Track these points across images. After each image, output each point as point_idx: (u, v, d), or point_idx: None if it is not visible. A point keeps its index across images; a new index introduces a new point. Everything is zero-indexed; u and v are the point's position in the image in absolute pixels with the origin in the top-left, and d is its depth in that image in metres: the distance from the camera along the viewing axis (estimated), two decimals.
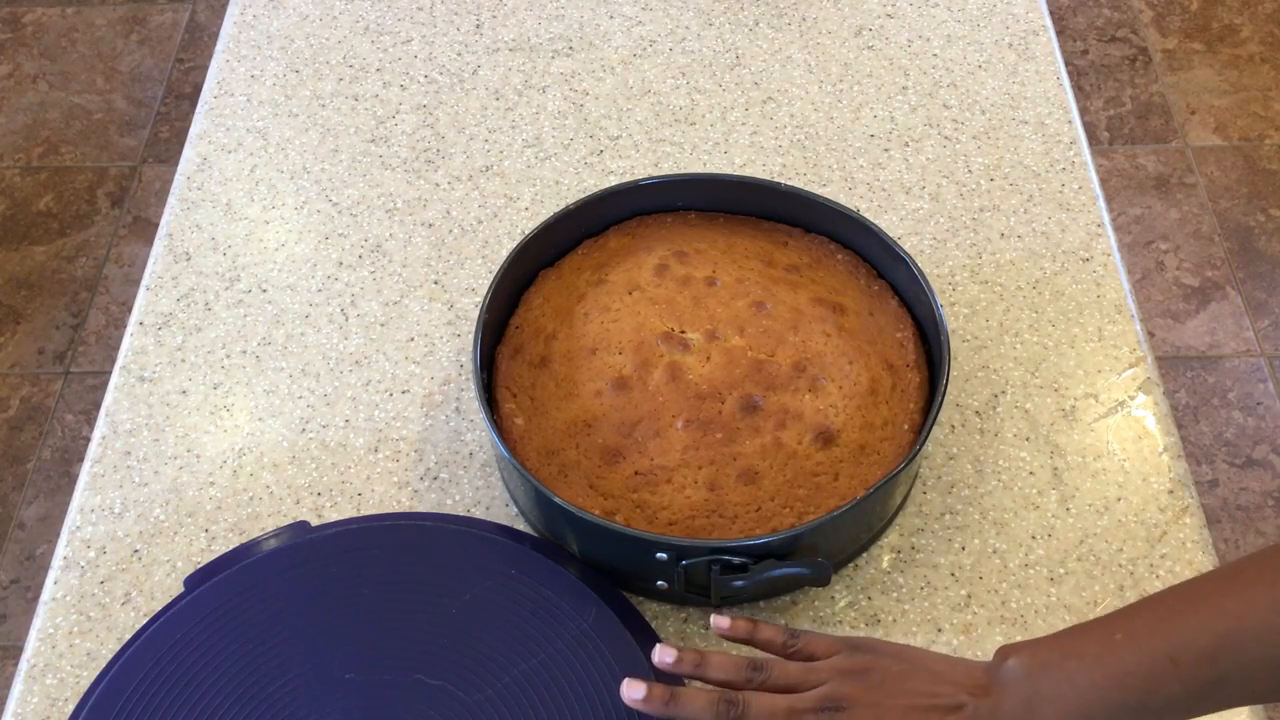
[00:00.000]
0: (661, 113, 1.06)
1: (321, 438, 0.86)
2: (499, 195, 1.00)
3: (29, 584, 1.75)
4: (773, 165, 1.01)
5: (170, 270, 0.96)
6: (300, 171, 1.03)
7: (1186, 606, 0.58)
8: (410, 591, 0.75)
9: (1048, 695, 0.59)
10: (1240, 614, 0.56)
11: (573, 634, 0.73)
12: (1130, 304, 0.91)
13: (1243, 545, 1.74)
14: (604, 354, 0.80)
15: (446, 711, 0.70)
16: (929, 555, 0.79)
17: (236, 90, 1.09)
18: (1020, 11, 1.13)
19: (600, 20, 1.14)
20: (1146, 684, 0.57)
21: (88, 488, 0.84)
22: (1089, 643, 0.59)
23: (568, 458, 0.77)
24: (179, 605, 0.76)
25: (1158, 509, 0.80)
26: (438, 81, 1.09)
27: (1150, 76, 2.35)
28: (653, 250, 0.86)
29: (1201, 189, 2.16)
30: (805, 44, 1.11)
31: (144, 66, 2.44)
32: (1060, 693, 0.58)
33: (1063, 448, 0.83)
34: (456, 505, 0.82)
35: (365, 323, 0.92)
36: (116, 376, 0.90)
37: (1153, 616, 0.59)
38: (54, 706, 0.74)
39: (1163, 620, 0.58)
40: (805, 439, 0.76)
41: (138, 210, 2.20)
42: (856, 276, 0.86)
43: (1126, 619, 0.60)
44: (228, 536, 0.81)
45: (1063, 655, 0.60)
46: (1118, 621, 0.60)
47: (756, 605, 0.76)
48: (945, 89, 1.07)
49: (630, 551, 0.73)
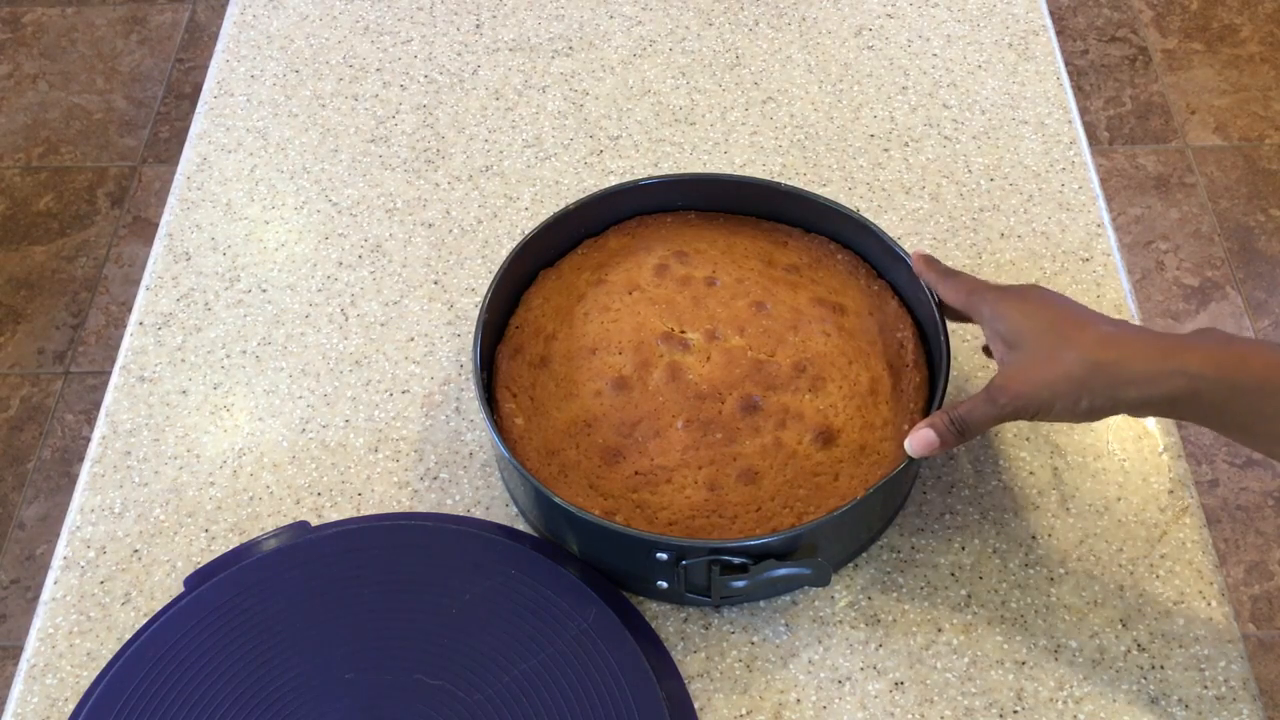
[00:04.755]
0: (661, 113, 1.06)
1: (321, 438, 0.86)
2: (499, 195, 1.00)
3: (29, 584, 1.75)
4: (773, 165, 1.01)
5: (170, 270, 0.96)
6: (300, 171, 1.03)
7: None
8: (410, 591, 0.75)
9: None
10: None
11: (573, 634, 0.73)
12: (1130, 304, 0.91)
13: (1243, 545, 1.74)
14: (604, 354, 0.80)
15: (446, 711, 0.70)
16: (929, 555, 0.79)
17: (236, 90, 1.09)
18: (1020, 11, 1.13)
19: (600, 20, 1.14)
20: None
21: (88, 488, 0.84)
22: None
23: (568, 458, 0.77)
24: (179, 605, 0.76)
25: (1158, 509, 0.80)
26: (438, 81, 1.09)
27: (1150, 76, 2.35)
28: (653, 250, 0.86)
29: (1201, 189, 2.16)
30: (805, 44, 1.11)
31: (144, 66, 2.44)
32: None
33: (1063, 448, 0.83)
34: (456, 505, 0.82)
35: (365, 323, 0.92)
36: (116, 376, 0.90)
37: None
38: (54, 706, 0.74)
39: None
40: (805, 439, 0.76)
41: (138, 210, 2.20)
42: (856, 276, 0.86)
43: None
44: (228, 536, 0.81)
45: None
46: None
47: (757, 605, 0.76)
48: (945, 89, 1.07)
49: (630, 551, 0.73)
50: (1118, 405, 0.66)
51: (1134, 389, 0.64)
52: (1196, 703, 0.72)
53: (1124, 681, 0.73)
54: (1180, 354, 0.63)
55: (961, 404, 0.71)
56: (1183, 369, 0.63)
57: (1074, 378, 0.65)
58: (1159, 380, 0.63)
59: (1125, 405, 0.65)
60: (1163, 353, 0.64)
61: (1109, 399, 0.65)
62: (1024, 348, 0.69)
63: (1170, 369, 0.63)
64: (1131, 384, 0.64)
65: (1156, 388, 0.64)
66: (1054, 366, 0.66)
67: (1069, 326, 0.67)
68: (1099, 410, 0.66)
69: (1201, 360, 0.63)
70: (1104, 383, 0.65)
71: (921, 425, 0.72)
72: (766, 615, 0.76)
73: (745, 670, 0.74)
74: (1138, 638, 0.75)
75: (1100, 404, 0.66)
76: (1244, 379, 0.62)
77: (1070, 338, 0.67)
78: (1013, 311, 0.70)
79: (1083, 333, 0.67)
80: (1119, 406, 0.66)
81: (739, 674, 0.74)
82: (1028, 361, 0.68)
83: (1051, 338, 0.67)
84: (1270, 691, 1.63)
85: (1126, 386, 0.64)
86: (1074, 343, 0.66)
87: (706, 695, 0.73)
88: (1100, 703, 0.72)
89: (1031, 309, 0.70)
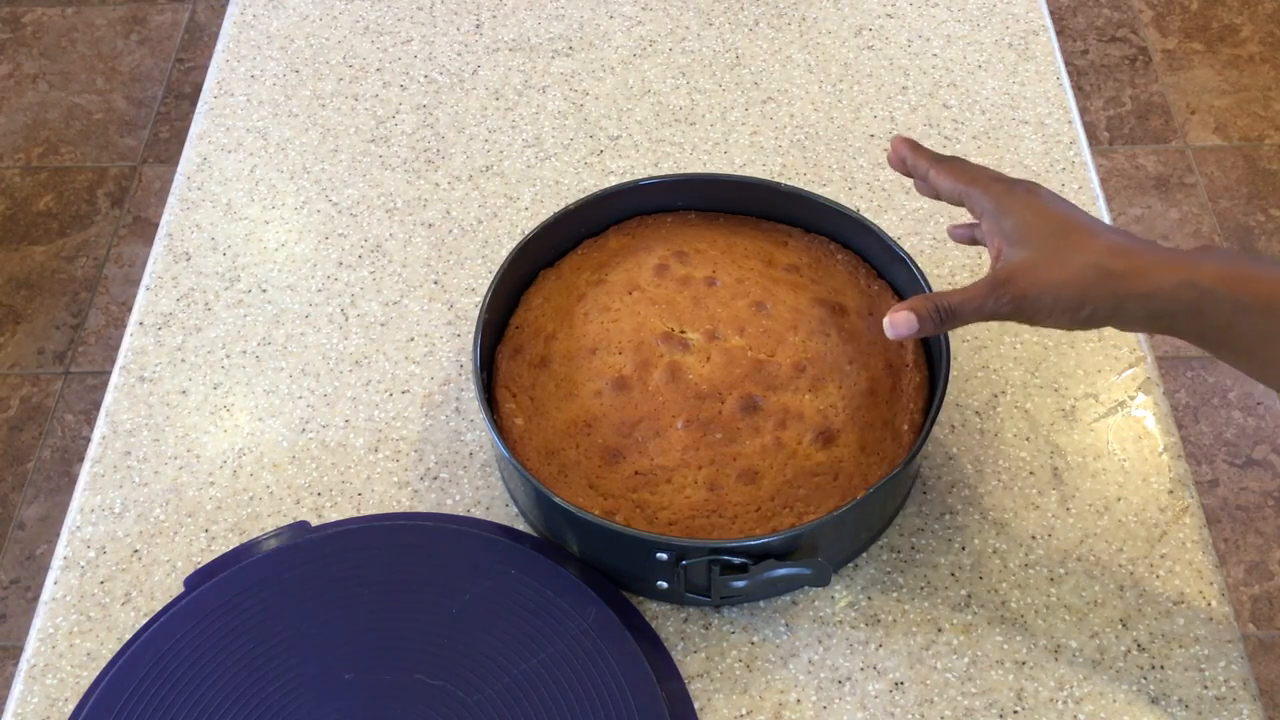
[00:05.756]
0: (661, 113, 1.06)
1: (321, 438, 0.86)
2: (499, 195, 1.00)
3: (29, 584, 1.75)
4: (773, 165, 1.01)
5: (170, 270, 0.96)
6: (300, 171, 1.03)
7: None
8: (410, 591, 0.75)
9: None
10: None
11: (573, 634, 0.73)
12: None
13: (1243, 545, 1.74)
14: (604, 354, 0.80)
15: (446, 711, 0.70)
16: (929, 555, 0.79)
17: (236, 90, 1.09)
18: (1020, 11, 1.13)
19: (600, 20, 1.14)
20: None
21: (88, 488, 0.84)
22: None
23: (568, 458, 0.77)
24: (179, 605, 0.76)
25: (1158, 509, 0.80)
26: (438, 81, 1.09)
27: (1150, 76, 2.35)
28: (653, 250, 0.86)
29: (1201, 189, 2.16)
30: (805, 44, 1.11)
31: (144, 66, 2.44)
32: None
33: (1063, 448, 0.83)
34: (456, 505, 0.82)
35: (365, 323, 0.92)
36: (116, 376, 0.90)
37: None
38: (54, 706, 0.74)
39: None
40: (805, 439, 0.76)
41: (138, 210, 2.20)
42: (856, 276, 0.86)
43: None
44: (228, 536, 0.81)
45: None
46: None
47: (756, 605, 0.76)
48: (945, 89, 1.07)
49: (630, 551, 0.73)
50: (1118, 316, 0.64)
51: (1140, 301, 0.63)
52: (1196, 703, 0.72)
53: (1124, 681, 0.73)
54: (1191, 268, 0.62)
55: (953, 293, 0.68)
56: (1193, 281, 0.62)
57: (1082, 284, 0.64)
58: (1167, 293, 0.62)
59: (1126, 317, 0.64)
60: (1173, 265, 0.63)
61: (1112, 309, 0.64)
62: (1030, 247, 0.66)
63: (1180, 280, 0.62)
64: (1138, 296, 0.63)
65: (1162, 301, 0.63)
66: (1062, 270, 0.65)
67: (1078, 232, 0.66)
68: (1097, 319, 0.65)
69: (1213, 275, 0.62)
70: (1110, 291, 0.64)
71: (902, 306, 0.69)
72: (766, 615, 0.76)
73: (745, 670, 0.74)
74: (1138, 638, 0.75)
75: (1102, 313, 0.64)
76: (1251, 297, 0.61)
77: (1080, 244, 0.65)
78: (1020, 208, 0.68)
79: (1093, 240, 0.65)
80: (1118, 318, 0.64)
81: (739, 674, 0.74)
82: (1036, 261, 0.66)
83: (1060, 241, 0.66)
84: (1270, 691, 1.63)
85: (1133, 298, 0.63)
86: (1084, 249, 0.65)
87: (706, 695, 0.73)
88: (1100, 703, 0.72)
89: (1040, 207, 0.68)
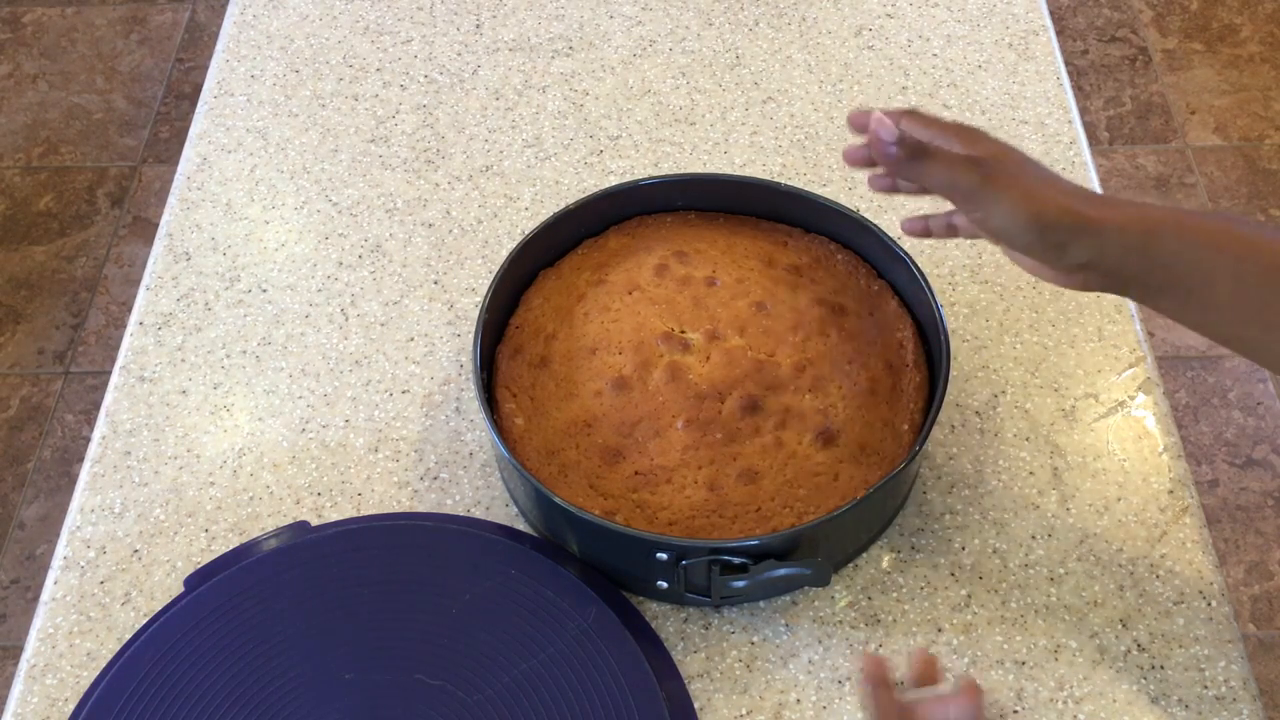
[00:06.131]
0: (661, 113, 1.06)
1: (321, 438, 0.86)
2: (499, 195, 1.00)
3: (29, 584, 1.75)
4: (773, 165, 1.01)
5: (170, 270, 0.96)
6: (300, 171, 1.03)
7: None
8: (410, 591, 0.75)
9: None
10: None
11: (573, 634, 0.73)
12: (1130, 303, 0.91)
13: (1243, 545, 1.74)
14: (604, 354, 0.80)
15: (446, 711, 0.70)
16: (929, 555, 0.79)
17: (236, 90, 1.09)
18: (1020, 11, 1.13)
19: (600, 20, 1.14)
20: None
21: (88, 488, 0.84)
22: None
23: (568, 458, 0.77)
24: (179, 605, 0.76)
25: (1158, 509, 0.80)
26: (438, 81, 1.09)
27: (1150, 76, 2.35)
28: (653, 250, 0.86)
29: (1201, 189, 2.16)
30: (805, 44, 1.11)
31: (144, 66, 2.44)
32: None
33: (1063, 448, 0.83)
34: (456, 505, 0.82)
35: (365, 323, 0.92)
36: (116, 376, 0.90)
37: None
38: (54, 706, 0.74)
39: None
40: (805, 439, 0.76)
41: (138, 210, 2.20)
42: (856, 277, 0.86)
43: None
44: (228, 536, 0.81)
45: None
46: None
47: (756, 605, 0.76)
48: (945, 89, 1.07)
49: (630, 551, 0.73)
50: (1072, 246, 0.65)
51: (1094, 237, 0.65)
52: (1196, 703, 0.72)
53: (1124, 681, 0.73)
54: (1143, 209, 0.65)
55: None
56: (1143, 217, 0.64)
57: (1046, 200, 0.66)
58: (1119, 226, 0.64)
59: (1078, 250, 0.65)
60: (1129, 206, 0.66)
61: (1069, 232, 0.65)
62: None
63: (1131, 216, 0.64)
64: (1094, 231, 0.65)
65: (1114, 235, 0.64)
66: (1035, 187, 0.67)
67: (1055, 179, 0.68)
68: (1051, 241, 0.66)
69: (1162, 215, 0.65)
70: (1072, 213, 0.65)
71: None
72: (766, 615, 0.76)
73: (745, 670, 0.74)
74: (1138, 638, 0.75)
75: (1059, 234, 0.65)
76: (1195, 233, 0.64)
77: (1056, 183, 0.67)
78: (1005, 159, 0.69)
79: (1067, 185, 0.67)
80: (1071, 249, 0.65)
81: (739, 674, 0.74)
82: (1016, 172, 0.68)
83: (1040, 177, 0.68)
84: (1270, 691, 1.63)
85: (1089, 231, 0.65)
86: (1059, 189, 0.67)
87: (706, 695, 0.73)
88: (1100, 703, 0.72)
89: (1021, 158, 0.70)
